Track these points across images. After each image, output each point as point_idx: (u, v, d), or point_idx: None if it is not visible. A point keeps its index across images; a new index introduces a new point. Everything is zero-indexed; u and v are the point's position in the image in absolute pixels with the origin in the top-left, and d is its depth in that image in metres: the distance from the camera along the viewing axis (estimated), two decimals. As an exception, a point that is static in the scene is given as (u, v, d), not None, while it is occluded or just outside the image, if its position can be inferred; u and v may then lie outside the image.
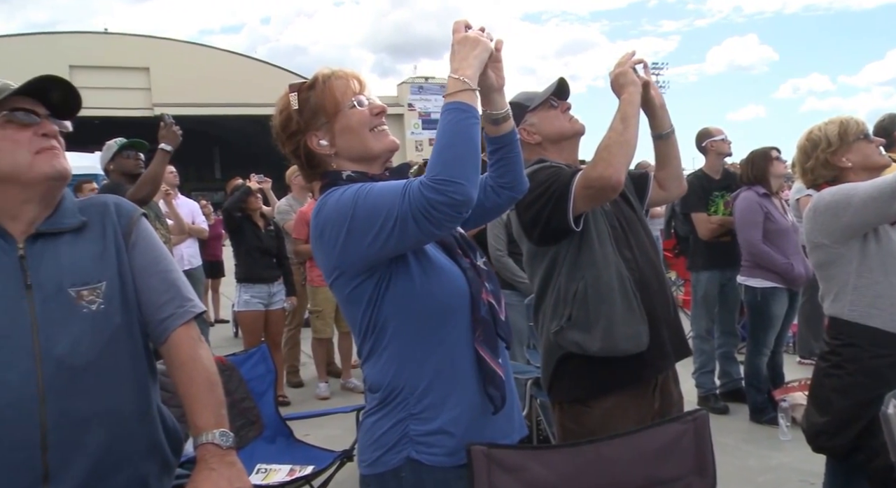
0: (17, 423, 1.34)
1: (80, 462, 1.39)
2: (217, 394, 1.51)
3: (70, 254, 1.47)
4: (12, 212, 1.46)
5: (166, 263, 1.58)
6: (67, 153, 1.54)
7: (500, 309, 1.66)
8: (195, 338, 1.54)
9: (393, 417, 1.58)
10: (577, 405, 2.31)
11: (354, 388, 5.88)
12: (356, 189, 1.51)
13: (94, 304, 1.44)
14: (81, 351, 1.40)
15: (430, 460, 1.55)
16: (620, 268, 2.25)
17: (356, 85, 1.66)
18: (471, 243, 1.72)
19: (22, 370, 1.35)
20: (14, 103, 1.45)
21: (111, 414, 1.44)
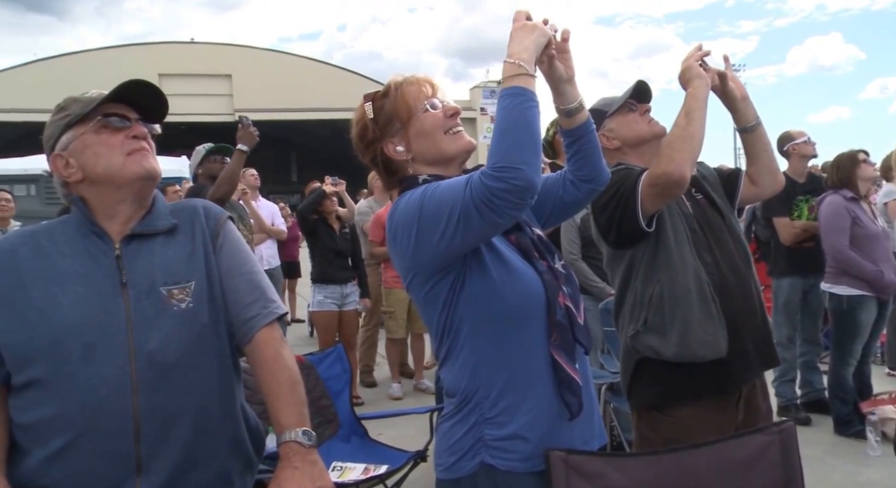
0: (113, 415, 1.41)
1: (169, 455, 1.45)
2: (299, 394, 1.53)
3: (162, 255, 1.53)
4: (109, 212, 1.54)
5: (251, 265, 1.63)
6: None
7: (579, 313, 1.63)
8: (278, 339, 1.58)
9: (467, 422, 1.57)
10: (653, 412, 2.27)
11: (426, 389, 5.92)
12: (423, 189, 1.52)
13: (184, 303, 1.50)
14: (171, 347, 1.46)
15: (504, 465, 1.53)
16: (699, 271, 2.19)
17: (428, 89, 1.66)
18: (549, 245, 1.69)
19: (118, 365, 1.42)
20: (107, 109, 1.54)
21: (198, 410, 1.49)
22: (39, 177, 10.30)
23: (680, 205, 2.29)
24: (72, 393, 1.41)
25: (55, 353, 1.42)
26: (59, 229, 1.56)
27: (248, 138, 4.06)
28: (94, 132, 1.53)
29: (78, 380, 1.41)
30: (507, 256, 1.57)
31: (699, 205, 2.34)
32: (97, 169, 1.52)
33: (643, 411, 2.31)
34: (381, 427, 4.15)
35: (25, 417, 1.45)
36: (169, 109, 1.63)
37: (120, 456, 1.42)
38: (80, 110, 1.54)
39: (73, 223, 1.55)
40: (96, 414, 1.40)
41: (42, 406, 1.43)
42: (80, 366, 1.41)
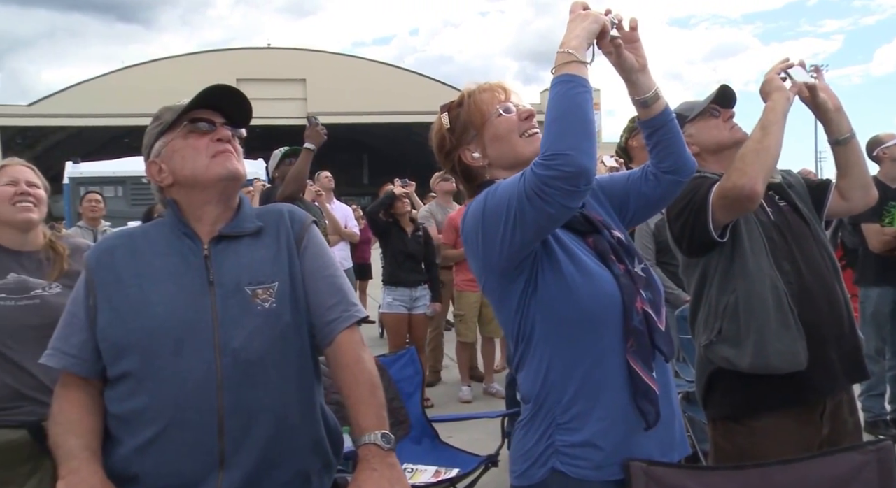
0: (199, 409, 1.46)
1: (250, 451, 1.48)
2: (379, 397, 1.55)
3: (248, 256, 1.58)
4: (197, 213, 1.60)
5: (334, 269, 1.66)
6: None
7: (660, 319, 1.59)
8: (359, 342, 1.60)
9: (539, 428, 1.56)
10: (728, 422, 2.21)
11: (496, 393, 5.89)
12: (485, 193, 1.53)
13: (267, 303, 1.54)
14: (255, 345, 1.50)
15: (576, 473, 1.51)
16: (776, 281, 2.12)
17: (502, 94, 1.67)
18: (629, 248, 1.65)
19: (204, 360, 1.47)
20: (195, 115, 1.60)
21: (279, 408, 1.53)
22: (126, 180, 10.72)
23: (758, 213, 2.22)
24: (161, 386, 1.47)
25: (147, 348, 1.48)
26: (154, 230, 1.65)
27: (316, 137, 4.12)
28: (182, 137, 1.60)
29: (167, 374, 1.47)
30: (581, 259, 1.55)
31: (782, 212, 2.27)
32: (184, 171, 1.59)
33: (718, 421, 2.26)
34: (450, 430, 4.15)
35: (118, 408, 1.52)
36: (252, 113, 1.67)
37: (204, 449, 1.46)
38: (170, 117, 1.61)
39: (167, 225, 1.62)
40: (183, 407, 1.46)
41: (133, 397, 1.49)
42: (170, 360, 1.47)
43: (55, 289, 2.33)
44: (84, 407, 1.53)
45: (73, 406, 1.52)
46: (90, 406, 1.54)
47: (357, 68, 42.47)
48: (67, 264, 2.38)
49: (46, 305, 2.29)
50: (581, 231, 1.61)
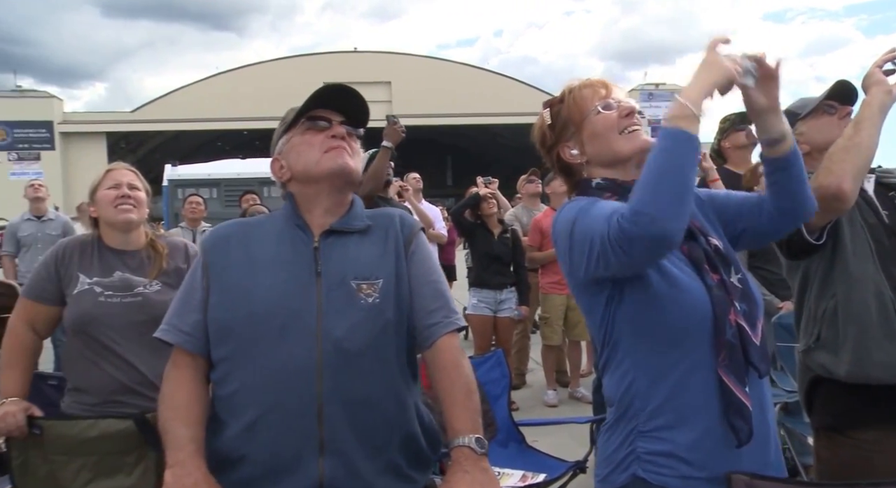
0: (299, 394, 1.50)
1: (348, 440, 1.51)
2: (475, 402, 1.55)
3: (355, 252, 1.63)
4: (309, 206, 1.66)
5: (438, 275, 1.68)
6: None
7: (755, 332, 1.51)
8: (458, 347, 1.61)
9: (622, 433, 1.54)
10: (832, 433, 2.10)
11: (582, 398, 5.80)
12: (579, 206, 1.51)
13: (371, 298, 1.57)
14: (356, 337, 1.53)
15: (658, 480, 1.48)
16: (882, 287, 2.01)
17: (602, 91, 1.64)
18: (726, 257, 1.57)
19: (305, 347, 1.51)
20: (314, 113, 1.67)
21: (377, 400, 1.55)
22: (221, 181, 11.15)
23: (866, 214, 2.10)
24: (263, 370, 1.52)
25: (252, 331, 1.54)
26: (269, 221, 1.72)
27: (393, 135, 4.15)
28: (301, 134, 1.68)
29: (269, 358, 1.51)
30: (670, 270, 1.49)
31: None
32: (298, 166, 1.66)
33: (822, 431, 2.15)
34: (536, 434, 4.11)
35: (223, 389, 1.58)
36: (370, 113, 1.73)
37: (305, 434, 1.50)
38: (291, 116, 1.70)
39: (282, 216, 1.69)
40: (284, 391, 1.50)
41: (237, 380, 1.55)
42: (273, 344, 1.52)
43: (155, 286, 2.43)
44: (192, 392, 1.59)
45: (182, 389, 1.58)
46: (198, 389, 1.60)
47: (441, 70, 42.80)
48: (166, 262, 2.48)
49: (148, 302, 2.40)
50: None
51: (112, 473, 2.32)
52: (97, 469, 2.31)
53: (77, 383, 2.41)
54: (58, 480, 2.29)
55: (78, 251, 2.45)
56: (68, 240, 2.59)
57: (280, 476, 1.50)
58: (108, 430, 2.29)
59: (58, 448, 2.29)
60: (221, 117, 42.66)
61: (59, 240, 6.14)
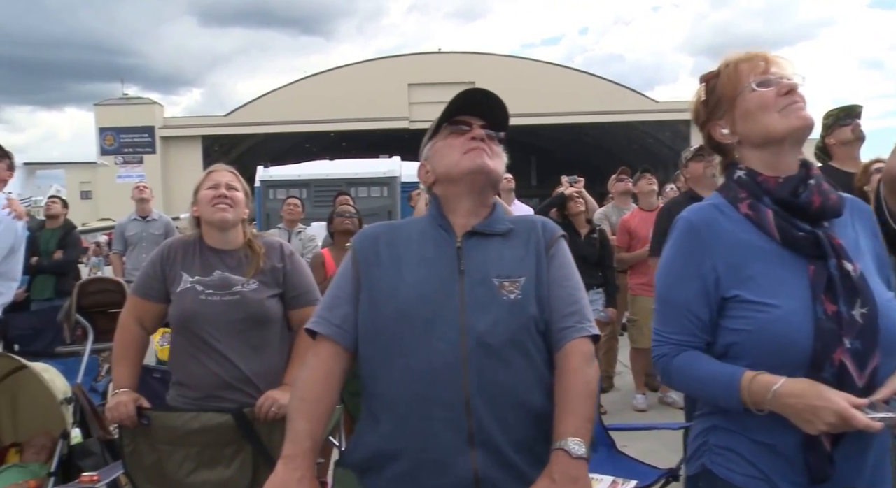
0: (447, 386, 1.52)
1: (497, 432, 1.52)
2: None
3: (497, 252, 1.65)
4: (452, 206, 1.70)
5: (576, 282, 1.69)
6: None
7: (862, 373, 1.39)
8: (586, 354, 1.59)
9: (703, 424, 1.59)
10: None
11: (673, 403, 5.65)
12: (681, 241, 1.59)
13: (513, 294, 1.58)
14: (498, 331, 1.54)
15: (724, 474, 1.50)
16: None
17: (762, 65, 1.55)
18: (856, 285, 1.44)
19: (450, 341, 1.53)
20: (457, 118, 1.72)
21: (521, 393, 1.55)
22: (310, 182, 11.41)
23: None
24: (410, 364, 1.54)
25: (399, 327, 1.56)
26: (415, 222, 1.78)
27: None
28: (443, 138, 1.73)
29: (416, 353, 1.54)
30: (766, 302, 1.44)
31: None
32: (440, 168, 1.71)
33: None
34: (625, 439, 4.03)
35: (374, 386, 1.61)
36: (508, 117, 1.75)
37: (455, 427, 1.51)
38: (435, 123, 1.75)
39: (427, 218, 1.73)
40: (432, 385, 1.52)
41: (385, 375, 1.57)
42: (419, 339, 1.54)
43: (252, 285, 2.50)
44: (326, 385, 1.62)
45: (317, 381, 1.62)
46: (332, 383, 1.63)
47: (525, 69, 42.56)
48: (263, 262, 2.54)
49: (245, 301, 2.47)
50: (806, 254, 1.47)
51: (212, 464, 2.41)
52: (198, 459, 2.41)
53: (180, 377, 2.51)
54: (164, 468, 2.40)
55: (181, 250, 2.55)
56: (173, 239, 2.70)
57: (435, 469, 1.51)
58: (209, 423, 2.39)
59: (164, 438, 2.40)
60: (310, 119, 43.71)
61: (161, 239, 6.50)
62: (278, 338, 2.56)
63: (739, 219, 1.54)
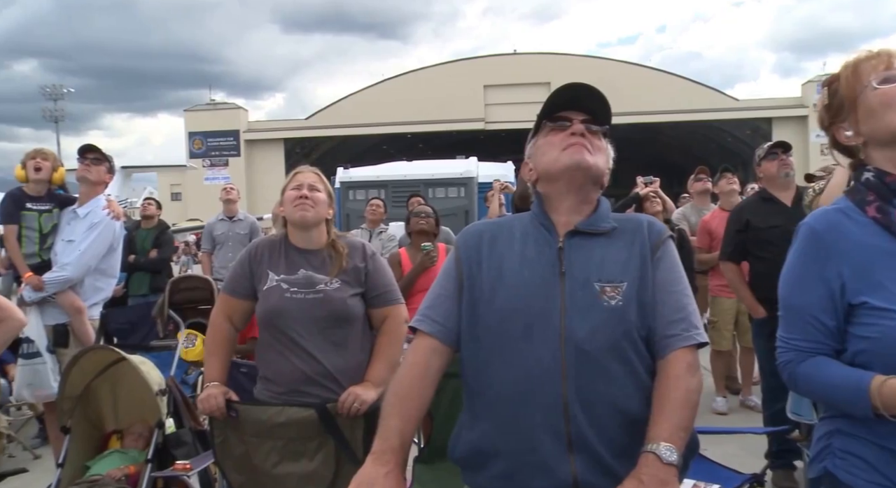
0: (546, 391, 1.51)
1: (595, 439, 1.51)
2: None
3: (600, 254, 1.60)
4: (554, 204, 1.67)
5: (683, 287, 1.63)
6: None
7: None
8: (690, 363, 1.55)
9: (826, 427, 1.55)
10: None
11: (754, 407, 5.49)
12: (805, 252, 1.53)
13: (614, 300, 1.55)
14: (598, 338, 1.52)
15: (848, 479, 1.45)
16: None
17: (884, 62, 1.51)
18: None
19: (550, 346, 1.52)
20: (559, 115, 1.69)
21: (620, 401, 1.53)
22: (388, 183, 11.55)
23: None
24: (511, 368, 1.54)
25: (499, 329, 1.57)
26: (517, 220, 1.73)
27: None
28: (545, 135, 1.70)
29: (516, 356, 1.54)
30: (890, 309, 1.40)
31: None
32: (540, 166, 1.69)
33: None
34: (704, 442, 3.94)
35: (474, 386, 1.62)
36: (611, 109, 1.71)
37: (554, 432, 1.51)
38: (537, 121, 1.74)
39: (530, 216, 1.71)
40: (531, 389, 1.52)
41: (486, 376, 1.58)
42: (519, 343, 1.54)
43: (335, 284, 2.57)
44: (422, 383, 1.62)
45: (414, 378, 1.63)
46: (428, 380, 1.63)
47: (600, 69, 42.01)
48: (346, 262, 2.61)
49: (329, 299, 2.54)
50: None
51: (296, 457, 2.49)
52: (283, 452, 2.49)
53: (266, 372, 2.60)
54: (251, 459, 2.50)
55: (268, 250, 2.64)
56: (260, 239, 2.81)
57: (536, 471, 1.51)
58: (294, 417, 2.47)
59: (251, 430, 2.50)
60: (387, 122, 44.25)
61: (246, 238, 6.73)
62: (360, 336, 2.62)
63: (867, 222, 1.48)
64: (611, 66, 43.47)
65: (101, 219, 4.18)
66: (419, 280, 4.39)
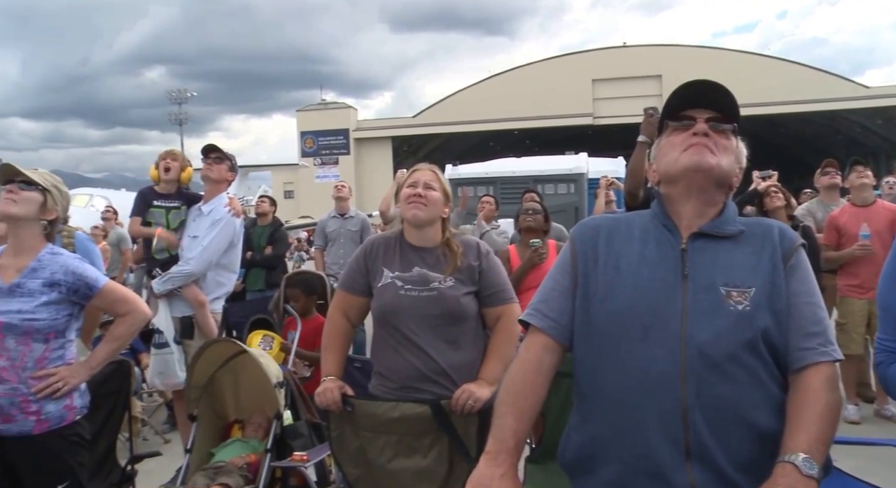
0: (664, 396, 1.46)
1: (714, 449, 1.44)
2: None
3: (726, 258, 1.54)
4: (675, 207, 1.61)
5: (818, 299, 1.56)
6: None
7: None
8: (830, 379, 1.48)
9: None
10: None
11: (891, 417, 5.13)
12: None
13: (741, 305, 1.48)
14: (721, 344, 1.46)
15: None
16: None
17: None
18: None
19: (668, 350, 1.47)
20: (683, 113, 1.62)
21: (745, 411, 1.46)
22: (496, 179, 11.55)
23: None
24: (627, 370, 1.49)
25: (615, 329, 1.52)
26: (637, 218, 1.68)
27: (646, 128, 3.96)
28: (668, 135, 1.65)
29: (633, 359, 1.49)
30: None
31: None
32: (661, 167, 1.64)
33: None
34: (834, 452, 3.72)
35: (587, 386, 1.59)
36: (738, 106, 1.64)
37: (671, 438, 1.45)
38: (660, 122, 1.69)
39: (651, 214, 1.65)
40: (648, 393, 1.47)
41: (600, 378, 1.54)
42: (636, 345, 1.49)
43: (449, 282, 2.56)
44: (536, 380, 1.58)
45: (527, 373, 1.59)
46: (541, 377, 1.60)
47: (715, 59, 40.52)
48: (460, 260, 2.60)
49: (442, 297, 2.54)
50: None
51: (410, 453, 2.51)
52: (397, 448, 2.51)
53: (380, 368, 2.63)
54: (366, 454, 2.54)
55: (383, 247, 2.67)
56: (376, 236, 2.85)
57: (651, 479, 1.46)
58: (408, 413, 2.48)
59: (366, 425, 2.54)
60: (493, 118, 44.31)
61: (357, 235, 6.87)
62: (473, 334, 2.61)
63: None
64: (726, 57, 41.85)
65: (222, 216, 4.36)
66: (527, 277, 4.35)
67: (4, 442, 2.49)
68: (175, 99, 50.13)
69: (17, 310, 2.44)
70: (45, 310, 2.48)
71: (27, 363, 2.46)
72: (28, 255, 2.55)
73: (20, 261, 2.54)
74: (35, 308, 2.46)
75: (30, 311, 2.45)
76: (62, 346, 2.55)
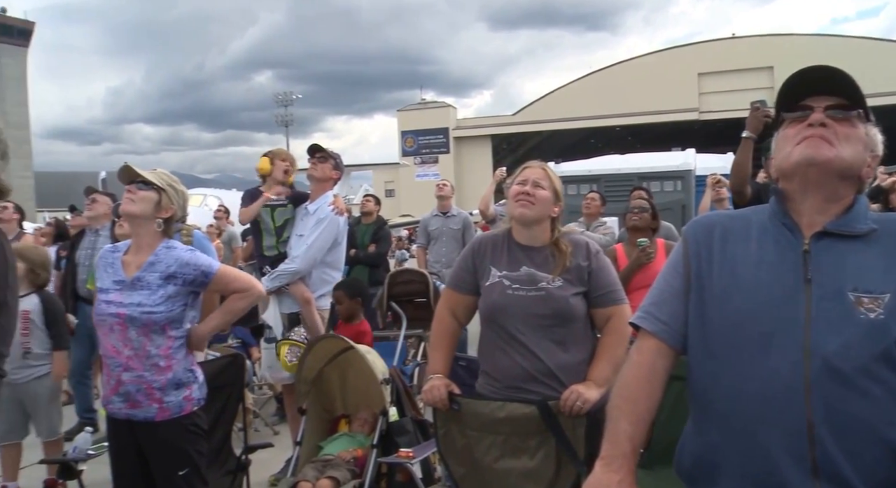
0: (786, 410, 1.37)
1: (845, 468, 1.34)
2: None
3: (855, 260, 1.42)
4: (794, 204, 1.49)
5: None
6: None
7: None
8: None
9: None
10: None
11: None
12: None
13: (873, 313, 1.37)
14: (850, 355, 1.35)
15: None
16: None
17: None
18: None
19: (791, 360, 1.37)
20: (802, 103, 1.50)
21: (880, 428, 1.35)
22: (600, 177, 11.32)
23: None
24: (745, 380, 1.41)
25: (732, 335, 1.45)
26: (754, 216, 1.57)
27: (751, 123, 3.73)
28: (784, 128, 1.54)
29: (752, 368, 1.40)
30: None
31: None
32: (776, 162, 1.53)
33: None
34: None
35: (702, 393, 1.50)
36: (859, 90, 1.49)
37: (796, 454, 1.37)
38: (775, 115, 1.59)
39: (769, 211, 1.54)
40: (769, 406, 1.39)
41: (717, 385, 1.46)
42: (755, 354, 1.41)
43: (557, 282, 2.51)
44: (649, 385, 1.53)
45: (640, 379, 1.53)
46: (655, 381, 1.53)
47: (833, 48, 38.37)
48: (569, 261, 2.54)
49: (551, 297, 2.49)
50: None
51: (516, 454, 2.48)
52: (503, 448, 2.49)
53: (487, 367, 2.61)
54: (472, 453, 2.53)
55: (491, 246, 2.65)
56: (484, 235, 2.83)
57: None
58: (514, 413, 2.45)
59: (472, 424, 2.52)
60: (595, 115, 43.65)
61: (459, 233, 6.89)
62: (581, 335, 2.56)
63: None
64: (845, 44, 39.54)
65: (326, 214, 4.44)
66: (635, 277, 4.23)
67: (134, 427, 2.63)
68: (281, 101, 51.95)
69: (137, 303, 2.58)
70: (164, 304, 2.60)
71: (150, 351, 2.59)
72: (147, 251, 2.68)
73: (140, 256, 2.67)
74: (154, 301, 2.59)
75: (149, 305, 2.58)
76: (182, 335, 2.68)
